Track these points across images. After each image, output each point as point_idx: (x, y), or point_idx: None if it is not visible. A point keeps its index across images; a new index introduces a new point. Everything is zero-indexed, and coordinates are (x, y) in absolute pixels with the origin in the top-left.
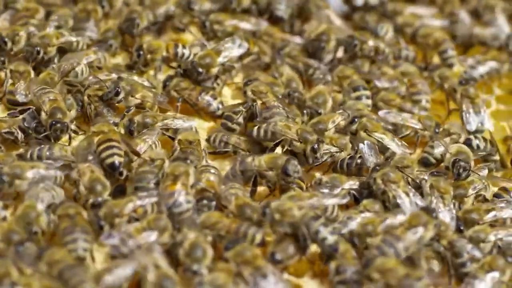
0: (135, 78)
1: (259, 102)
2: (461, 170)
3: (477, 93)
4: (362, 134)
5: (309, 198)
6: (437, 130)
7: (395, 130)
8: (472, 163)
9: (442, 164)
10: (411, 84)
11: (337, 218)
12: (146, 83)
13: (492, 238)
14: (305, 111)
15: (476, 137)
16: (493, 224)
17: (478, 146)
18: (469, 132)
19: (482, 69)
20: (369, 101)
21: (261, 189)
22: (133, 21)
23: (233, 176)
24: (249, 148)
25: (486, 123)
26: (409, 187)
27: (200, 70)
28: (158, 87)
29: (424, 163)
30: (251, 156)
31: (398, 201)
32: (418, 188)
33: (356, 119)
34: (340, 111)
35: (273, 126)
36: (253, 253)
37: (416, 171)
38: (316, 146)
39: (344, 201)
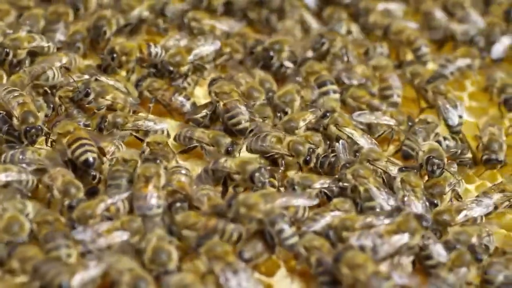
0: (108, 80)
1: (221, 103)
2: (435, 167)
3: (448, 88)
4: (333, 128)
5: (280, 197)
6: (410, 123)
7: (370, 130)
8: (445, 160)
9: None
10: (382, 79)
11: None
12: (118, 85)
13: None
14: (278, 114)
15: (445, 138)
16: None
17: (447, 146)
18: (450, 127)
19: (452, 67)
20: (337, 95)
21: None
22: (100, 30)
23: (205, 176)
24: (213, 142)
25: (464, 115)
26: (380, 183)
27: (171, 68)
28: (132, 88)
29: (404, 156)
30: (225, 157)
31: (371, 193)
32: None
33: (328, 114)
34: (312, 109)
35: (261, 142)
36: (225, 249)
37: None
38: (308, 158)
39: (315, 202)
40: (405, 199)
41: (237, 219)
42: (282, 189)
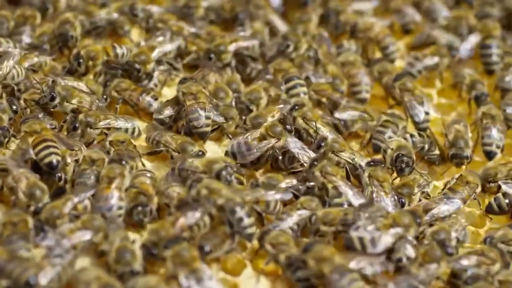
0: (74, 82)
1: (187, 103)
2: (403, 165)
3: (415, 85)
4: (300, 121)
5: (253, 193)
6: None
7: (346, 126)
8: (414, 157)
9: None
10: (350, 75)
11: (279, 214)
12: (84, 88)
13: None
14: (243, 117)
15: (412, 135)
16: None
17: (413, 142)
18: (416, 123)
19: (420, 65)
20: (304, 89)
21: None
22: (66, 36)
23: (172, 177)
24: (180, 149)
25: (431, 111)
26: (347, 182)
27: (138, 66)
28: (99, 91)
29: (374, 149)
30: (192, 158)
31: (340, 190)
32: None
33: (296, 106)
34: (281, 105)
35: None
36: (192, 254)
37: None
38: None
39: (288, 196)
40: (374, 195)
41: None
42: None
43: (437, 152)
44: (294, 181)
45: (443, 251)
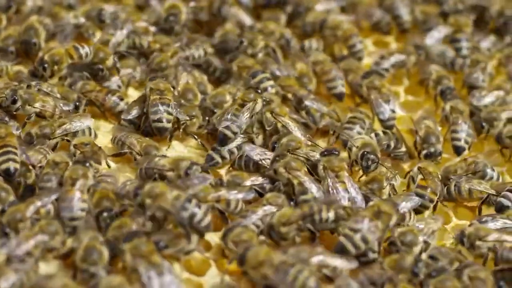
0: (40, 86)
1: (150, 98)
2: (369, 163)
3: (382, 83)
4: (268, 115)
5: (215, 191)
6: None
7: (314, 122)
8: (379, 155)
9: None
10: (324, 72)
11: (242, 213)
12: (50, 90)
13: None
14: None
15: (376, 134)
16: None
17: (378, 141)
18: (382, 121)
19: (387, 63)
20: (271, 82)
21: None
22: (30, 43)
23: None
24: (143, 152)
25: (397, 109)
26: (312, 177)
27: (100, 66)
28: (68, 94)
29: (344, 145)
30: (158, 156)
31: (305, 185)
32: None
33: (265, 102)
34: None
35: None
36: (149, 248)
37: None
38: None
39: (250, 196)
40: (330, 186)
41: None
42: None
43: (403, 149)
44: (260, 179)
45: (411, 270)
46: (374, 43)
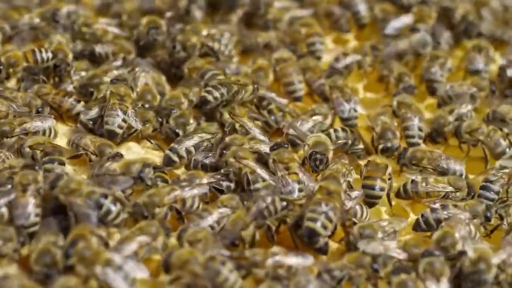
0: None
1: (110, 102)
2: (317, 163)
3: (345, 83)
4: (226, 115)
5: (168, 193)
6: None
7: (276, 121)
8: (331, 154)
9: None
10: (284, 74)
11: (198, 210)
12: (4, 94)
13: None
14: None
15: (335, 130)
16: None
17: (337, 137)
18: (343, 120)
19: (343, 62)
20: (222, 77)
21: None
22: None
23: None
24: (97, 151)
25: (358, 108)
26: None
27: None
28: (31, 101)
29: (291, 144)
30: (109, 161)
31: (257, 172)
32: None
33: (224, 102)
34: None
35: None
36: (96, 250)
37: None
38: None
39: (204, 191)
40: (280, 179)
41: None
42: None
43: (361, 146)
44: (217, 177)
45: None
46: (333, 40)
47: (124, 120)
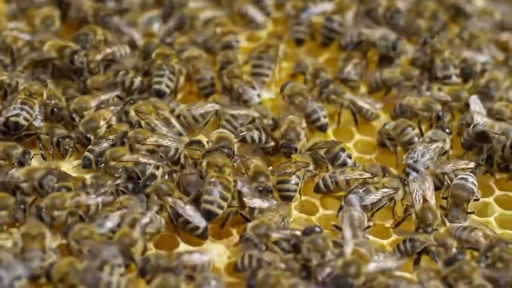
0: None
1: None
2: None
3: (242, 71)
4: (132, 114)
5: (71, 198)
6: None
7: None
8: (236, 147)
9: None
10: (195, 70)
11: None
12: None
13: None
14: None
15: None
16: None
17: (252, 139)
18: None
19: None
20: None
21: None
22: None
23: None
24: (4, 155)
25: (265, 94)
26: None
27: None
28: None
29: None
30: (14, 168)
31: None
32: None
33: (132, 100)
34: (111, 107)
35: None
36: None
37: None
38: None
39: (109, 199)
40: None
41: None
42: None
43: (272, 143)
44: (123, 179)
45: None
46: (247, 38)
47: (29, 113)
